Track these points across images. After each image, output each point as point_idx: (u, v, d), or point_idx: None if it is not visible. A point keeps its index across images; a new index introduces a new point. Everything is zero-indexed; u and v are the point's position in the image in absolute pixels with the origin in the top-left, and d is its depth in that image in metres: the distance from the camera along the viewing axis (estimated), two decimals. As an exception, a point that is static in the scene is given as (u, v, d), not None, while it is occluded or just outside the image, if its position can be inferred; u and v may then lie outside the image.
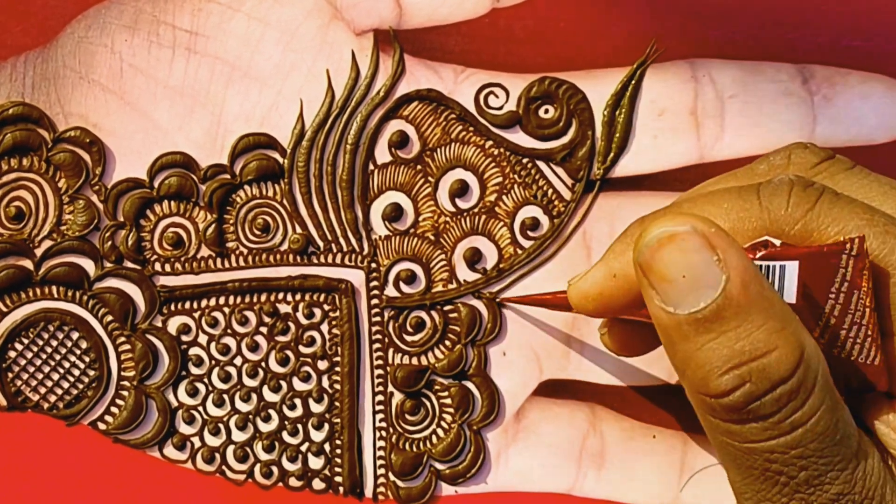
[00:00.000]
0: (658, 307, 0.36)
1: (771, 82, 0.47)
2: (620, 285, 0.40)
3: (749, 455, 0.36)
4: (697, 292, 0.35)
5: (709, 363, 0.35)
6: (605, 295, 0.40)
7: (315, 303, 0.47)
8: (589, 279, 0.41)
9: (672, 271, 0.35)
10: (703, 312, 0.35)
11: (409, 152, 0.47)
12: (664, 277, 0.36)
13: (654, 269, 0.36)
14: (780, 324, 0.35)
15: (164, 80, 0.46)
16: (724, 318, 0.35)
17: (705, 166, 0.47)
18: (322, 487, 0.47)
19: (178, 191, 0.47)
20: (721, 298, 0.35)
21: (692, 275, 0.35)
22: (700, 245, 0.35)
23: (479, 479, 0.48)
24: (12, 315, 0.47)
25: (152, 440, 0.47)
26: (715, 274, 0.35)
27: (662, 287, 0.36)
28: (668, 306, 0.36)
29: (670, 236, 0.36)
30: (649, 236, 0.36)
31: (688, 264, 0.35)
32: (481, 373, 0.47)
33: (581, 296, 0.41)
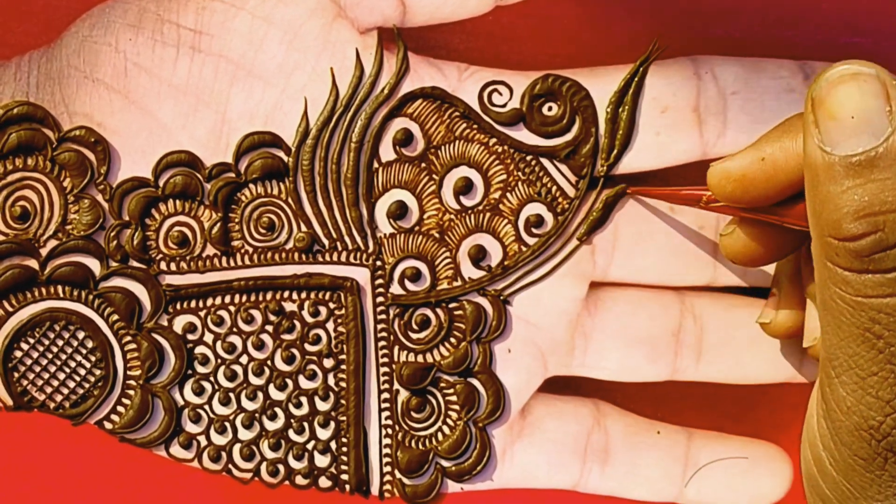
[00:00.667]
0: (815, 145, 0.36)
1: (773, 79, 0.48)
2: (766, 170, 0.40)
3: (856, 310, 0.36)
4: (860, 136, 0.36)
5: (848, 205, 0.36)
6: (747, 177, 0.41)
7: (320, 301, 0.47)
8: (736, 159, 0.41)
9: (843, 109, 0.36)
10: (859, 157, 0.36)
11: (414, 150, 0.48)
12: (833, 114, 0.36)
13: (826, 105, 0.36)
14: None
15: (168, 78, 0.46)
16: (878, 167, 0.35)
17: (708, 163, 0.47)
18: (328, 485, 0.47)
19: (183, 190, 0.47)
20: (882, 147, 0.35)
21: (861, 117, 0.36)
22: (878, 91, 0.36)
23: (485, 475, 0.48)
24: (18, 315, 0.47)
25: (158, 439, 0.47)
26: (882, 123, 0.36)
27: (827, 125, 0.36)
28: (827, 145, 0.36)
29: (854, 74, 0.36)
30: (833, 70, 0.37)
31: (861, 106, 0.36)
32: (486, 370, 0.48)
33: (723, 174, 0.42)
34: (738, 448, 0.48)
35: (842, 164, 0.36)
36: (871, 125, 0.36)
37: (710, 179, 0.42)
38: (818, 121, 0.36)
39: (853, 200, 0.36)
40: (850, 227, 0.36)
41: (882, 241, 0.36)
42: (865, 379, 0.37)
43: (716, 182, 0.42)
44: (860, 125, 0.36)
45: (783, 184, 0.40)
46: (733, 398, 0.47)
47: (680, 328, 0.48)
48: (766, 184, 0.40)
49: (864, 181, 0.36)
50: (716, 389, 0.48)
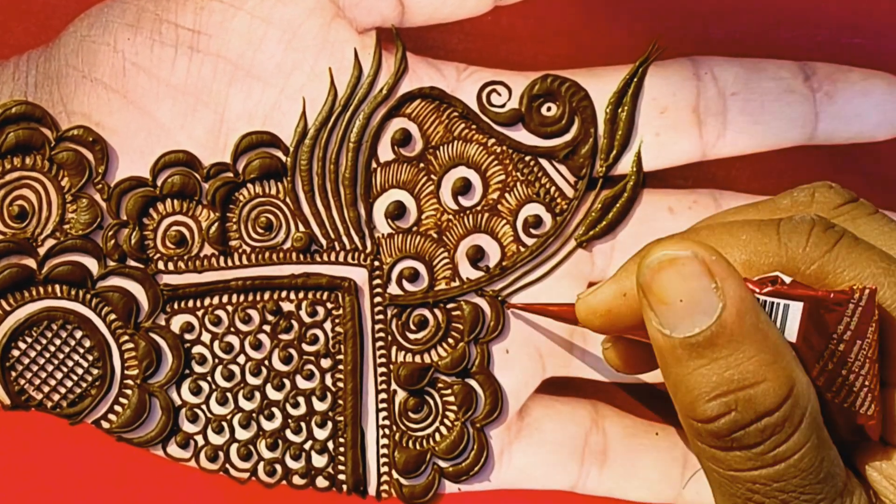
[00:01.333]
0: (655, 328, 0.37)
1: (773, 79, 0.47)
2: (629, 304, 0.40)
3: (733, 483, 0.37)
4: (693, 317, 0.36)
5: (698, 388, 0.36)
6: (612, 312, 0.41)
7: (318, 301, 0.47)
8: (598, 295, 0.41)
9: (670, 294, 0.36)
10: (696, 338, 0.36)
11: (412, 150, 0.48)
12: (662, 300, 0.36)
13: (654, 291, 0.36)
14: (772, 357, 0.36)
15: (166, 78, 0.46)
16: (717, 345, 0.36)
17: (708, 163, 0.48)
18: (325, 485, 0.47)
19: (180, 189, 0.47)
20: (715, 326, 0.36)
21: (689, 300, 0.36)
22: (699, 271, 0.36)
23: (483, 476, 0.48)
24: (16, 314, 0.47)
25: (156, 438, 0.47)
26: (711, 301, 0.36)
27: (660, 309, 0.36)
28: (665, 328, 0.36)
29: (671, 260, 0.36)
30: (651, 258, 0.37)
31: (685, 289, 0.36)
32: (484, 370, 0.48)
33: (589, 311, 0.42)
34: (737, 450, 0.48)
35: (682, 345, 0.36)
36: (701, 305, 0.36)
37: (579, 314, 0.42)
38: (651, 305, 0.37)
39: (702, 381, 0.36)
40: (705, 409, 0.36)
41: (738, 421, 0.36)
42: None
43: (584, 317, 0.42)
44: (690, 307, 0.36)
45: None
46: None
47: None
48: (631, 317, 0.40)
49: (708, 361, 0.36)
50: (715, 391, 0.48)
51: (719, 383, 0.36)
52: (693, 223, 0.47)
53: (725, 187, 0.48)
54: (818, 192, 0.41)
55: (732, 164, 0.48)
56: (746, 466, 0.36)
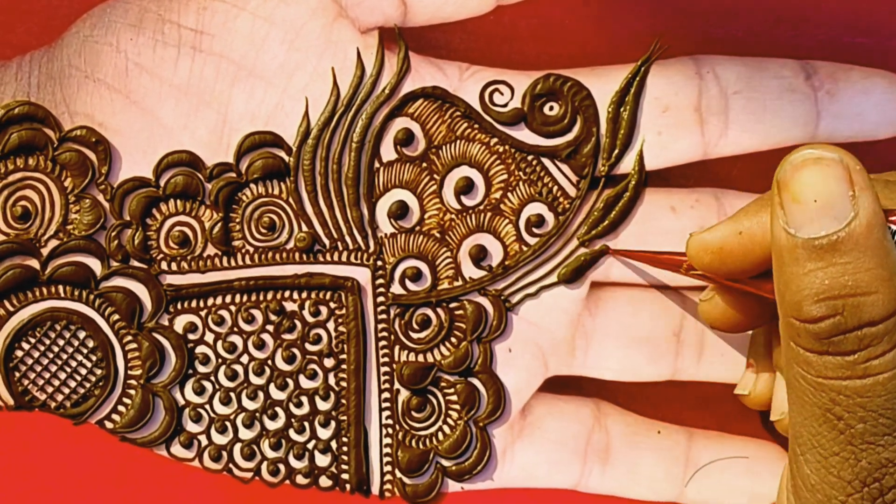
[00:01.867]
0: (780, 226, 0.37)
1: (774, 78, 0.47)
2: (744, 243, 0.40)
3: (818, 391, 0.37)
4: (823, 220, 0.36)
5: (809, 288, 0.36)
6: (724, 250, 0.41)
7: (321, 301, 0.47)
8: (714, 232, 0.42)
9: (806, 192, 0.36)
10: (821, 240, 0.36)
11: (415, 150, 0.48)
12: (797, 197, 0.36)
13: (790, 187, 0.37)
14: (889, 274, 0.36)
15: (169, 78, 0.46)
16: (839, 251, 0.36)
17: (710, 163, 0.48)
18: (329, 485, 0.48)
19: (184, 189, 0.47)
20: (844, 232, 0.36)
21: (824, 201, 0.36)
22: (841, 176, 0.36)
23: (486, 475, 0.48)
24: (19, 314, 0.47)
25: (159, 438, 0.47)
26: (845, 207, 0.36)
27: (791, 207, 0.37)
28: (791, 227, 0.37)
29: (816, 159, 0.37)
30: (796, 154, 0.37)
31: (823, 190, 0.36)
32: (487, 369, 0.48)
33: (701, 246, 0.42)
34: (739, 448, 0.48)
35: (804, 246, 0.36)
36: (834, 209, 0.36)
37: (689, 250, 0.43)
38: (783, 203, 0.37)
39: (814, 283, 0.36)
40: (811, 309, 0.36)
41: (840, 325, 0.36)
42: (828, 458, 0.37)
43: (694, 253, 0.42)
44: (823, 209, 0.36)
45: (760, 258, 0.40)
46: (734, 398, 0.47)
47: (681, 328, 0.48)
48: (743, 257, 0.41)
49: (826, 264, 0.36)
50: (717, 389, 0.48)
51: (832, 286, 0.36)
52: (695, 222, 0.47)
53: (728, 186, 0.48)
54: None
55: (734, 163, 0.48)
56: (836, 374, 0.36)
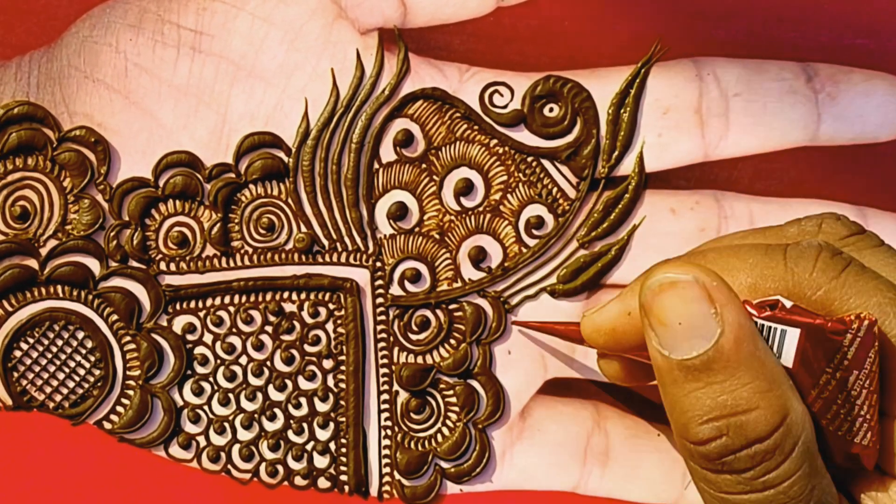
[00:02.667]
0: (654, 348, 0.37)
1: (775, 80, 0.47)
2: (633, 324, 0.40)
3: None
4: (691, 341, 0.36)
5: (692, 410, 0.36)
6: (617, 331, 0.41)
7: (320, 302, 0.47)
8: (604, 313, 0.41)
9: (670, 316, 0.36)
10: (693, 361, 0.36)
11: (414, 151, 0.47)
12: (662, 321, 0.37)
13: (654, 312, 0.37)
14: (767, 385, 0.36)
15: (168, 79, 0.46)
16: (713, 370, 0.36)
17: (710, 164, 0.48)
18: (327, 486, 0.47)
19: (183, 190, 0.47)
20: (712, 351, 0.36)
21: (688, 323, 0.36)
22: (699, 296, 0.36)
23: (485, 477, 0.48)
24: (18, 314, 0.47)
25: (158, 439, 0.47)
26: (710, 326, 0.36)
27: (660, 330, 0.37)
28: (664, 349, 0.37)
29: (672, 283, 0.37)
30: (652, 279, 0.37)
31: (685, 312, 0.36)
32: (486, 371, 0.47)
33: (594, 329, 0.42)
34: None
35: (680, 367, 0.36)
36: (700, 330, 0.36)
37: (584, 331, 0.43)
38: (652, 325, 0.37)
39: (696, 404, 0.36)
40: (697, 431, 0.36)
41: (728, 446, 0.36)
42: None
43: (589, 334, 0.42)
44: (689, 330, 0.36)
45: None
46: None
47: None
48: (634, 336, 0.40)
49: (703, 384, 0.36)
50: (716, 392, 0.48)
51: (713, 407, 0.36)
52: (695, 224, 0.47)
53: (728, 188, 0.48)
54: (825, 223, 0.41)
55: (735, 165, 0.48)
56: (737, 490, 0.37)
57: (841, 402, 0.37)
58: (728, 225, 0.47)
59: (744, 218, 0.47)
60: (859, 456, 0.37)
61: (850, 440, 0.37)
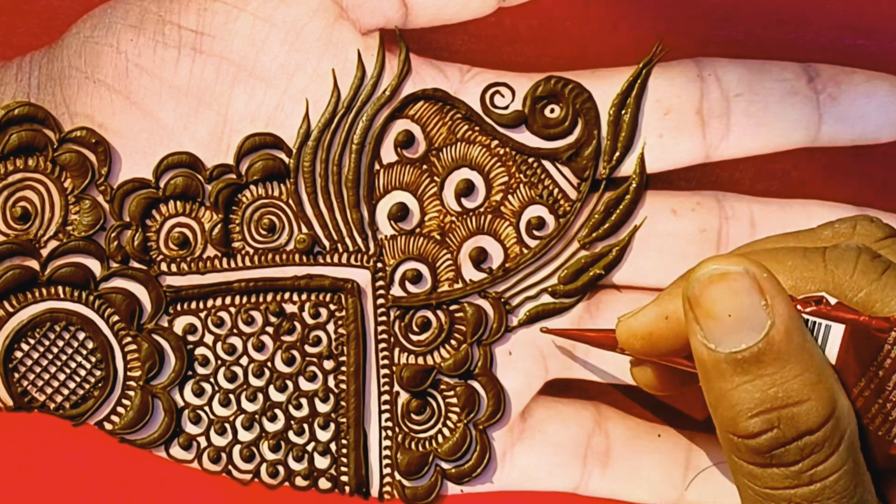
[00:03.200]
0: (700, 342, 0.37)
1: (776, 81, 0.47)
2: (672, 328, 0.40)
3: (767, 501, 0.37)
4: (740, 333, 0.36)
5: (741, 403, 0.36)
6: (654, 335, 0.41)
7: (321, 302, 0.47)
8: (640, 317, 0.41)
9: (719, 308, 0.36)
10: (743, 353, 0.36)
11: (415, 152, 0.47)
12: (710, 314, 0.36)
13: (702, 305, 0.37)
14: (817, 377, 0.36)
15: (169, 79, 0.46)
16: (763, 362, 0.36)
17: (711, 165, 0.48)
18: (328, 487, 0.48)
19: (183, 191, 0.47)
20: (763, 342, 0.36)
21: (738, 315, 0.36)
22: (750, 287, 0.36)
23: (485, 478, 0.48)
24: (18, 315, 0.47)
25: (158, 440, 0.47)
26: (760, 318, 0.36)
27: (707, 323, 0.36)
28: (710, 343, 0.36)
29: (722, 274, 0.36)
30: (702, 271, 0.37)
31: (735, 304, 0.36)
32: (487, 372, 0.47)
33: (630, 333, 0.42)
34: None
35: (727, 360, 0.36)
36: (750, 321, 0.36)
37: (619, 336, 0.42)
38: (698, 318, 0.37)
39: (746, 397, 0.36)
40: (747, 425, 0.36)
41: (780, 438, 0.36)
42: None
43: (624, 339, 0.42)
44: (739, 322, 0.36)
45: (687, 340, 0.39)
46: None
47: (682, 331, 0.48)
48: (672, 340, 0.40)
49: (753, 377, 0.36)
50: (717, 393, 0.48)
51: (763, 400, 0.36)
52: (696, 225, 0.47)
53: (729, 189, 0.48)
54: (860, 225, 0.41)
55: (736, 166, 0.48)
56: (783, 485, 0.36)
57: (882, 402, 0.37)
58: (729, 226, 0.47)
59: (745, 219, 0.47)
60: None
61: (889, 440, 0.37)
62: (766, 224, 0.47)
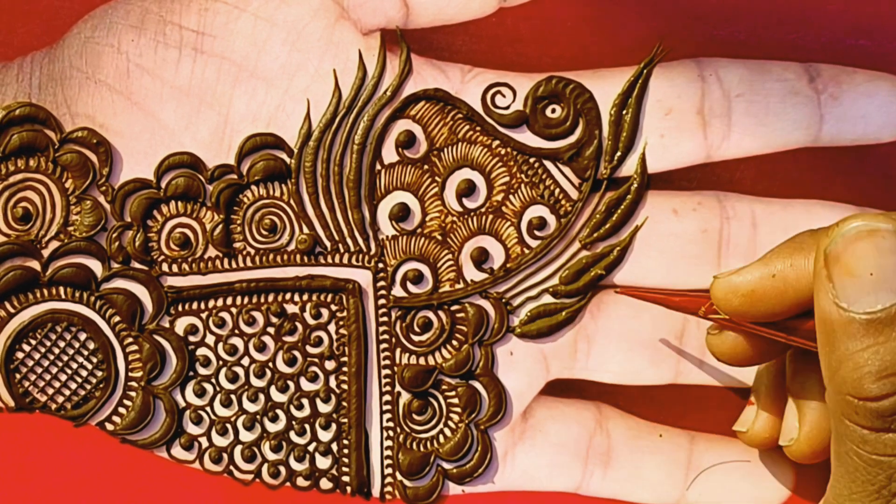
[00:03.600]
0: (831, 300, 0.36)
1: (777, 81, 0.47)
2: (777, 287, 0.39)
3: (873, 468, 0.36)
4: (878, 294, 0.35)
5: (868, 365, 0.36)
6: (756, 293, 0.40)
7: (322, 303, 0.47)
8: (744, 273, 0.41)
9: (861, 266, 0.36)
10: (879, 314, 0.35)
11: (416, 152, 0.47)
12: (850, 271, 0.36)
13: (843, 261, 0.36)
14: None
15: (170, 80, 0.46)
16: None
17: (712, 165, 0.48)
18: (329, 487, 0.48)
19: (185, 191, 0.47)
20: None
21: (880, 275, 0.35)
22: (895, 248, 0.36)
23: (486, 478, 0.48)
24: (20, 316, 0.47)
25: (160, 440, 0.47)
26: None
27: (843, 281, 0.36)
28: (843, 301, 0.36)
29: (871, 231, 0.36)
30: (849, 226, 0.36)
31: (879, 263, 0.36)
32: (488, 372, 0.47)
33: (730, 289, 0.41)
34: (741, 451, 0.48)
35: (861, 321, 0.36)
36: (891, 282, 0.35)
37: (716, 293, 0.42)
38: (833, 276, 0.36)
39: (874, 360, 0.35)
40: (872, 387, 0.36)
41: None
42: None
43: (721, 296, 0.41)
44: (879, 282, 0.35)
45: (793, 301, 0.40)
46: (736, 401, 0.47)
47: (683, 331, 0.48)
48: (775, 300, 0.40)
49: (886, 339, 0.35)
50: (719, 393, 0.48)
51: (893, 363, 0.35)
52: (697, 225, 0.47)
53: (730, 189, 0.48)
54: None
55: (737, 166, 0.48)
56: None
57: None
58: (730, 226, 0.47)
59: (746, 219, 0.47)
60: None
61: None
62: (767, 224, 0.47)
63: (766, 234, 0.47)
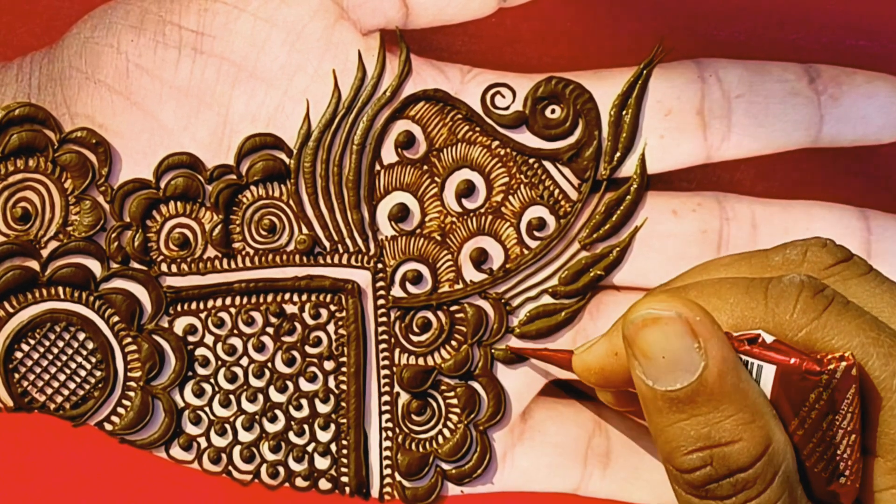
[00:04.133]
0: (639, 377, 0.37)
1: (777, 82, 0.47)
2: (621, 363, 0.40)
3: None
4: (675, 373, 0.36)
5: (676, 440, 0.37)
6: (605, 370, 0.41)
7: (321, 303, 0.47)
8: (592, 352, 0.42)
9: (653, 350, 0.37)
10: (677, 393, 0.36)
11: (416, 152, 0.47)
12: (645, 354, 0.37)
13: (637, 346, 0.37)
14: (750, 416, 0.36)
15: (170, 80, 0.46)
16: (697, 402, 0.36)
17: (712, 166, 0.48)
18: (328, 487, 0.48)
19: (184, 191, 0.47)
20: (696, 384, 0.36)
21: (671, 357, 0.36)
22: (682, 331, 0.36)
23: (486, 478, 0.48)
24: (19, 316, 0.47)
25: (159, 440, 0.47)
26: (694, 359, 0.36)
27: (644, 362, 0.37)
28: (648, 380, 0.37)
29: (654, 318, 0.37)
30: (635, 314, 0.37)
31: (668, 347, 0.36)
32: (487, 373, 0.47)
33: (584, 367, 0.42)
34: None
35: (663, 398, 0.37)
36: (683, 363, 0.36)
37: (575, 369, 0.43)
38: (636, 357, 0.37)
39: (681, 434, 0.37)
40: (682, 460, 0.37)
41: (712, 475, 0.36)
42: None
43: (580, 372, 0.43)
44: (672, 364, 0.36)
45: None
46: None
47: (682, 332, 0.48)
48: (623, 375, 0.40)
49: (688, 416, 0.36)
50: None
51: (697, 438, 0.36)
52: (697, 226, 0.47)
53: (730, 190, 0.48)
54: (810, 251, 0.40)
55: (737, 167, 0.48)
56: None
57: (817, 441, 0.37)
58: (730, 227, 0.47)
59: (746, 220, 0.47)
60: (837, 494, 0.37)
61: (826, 478, 0.37)
62: (767, 225, 0.47)
63: (765, 235, 0.47)
